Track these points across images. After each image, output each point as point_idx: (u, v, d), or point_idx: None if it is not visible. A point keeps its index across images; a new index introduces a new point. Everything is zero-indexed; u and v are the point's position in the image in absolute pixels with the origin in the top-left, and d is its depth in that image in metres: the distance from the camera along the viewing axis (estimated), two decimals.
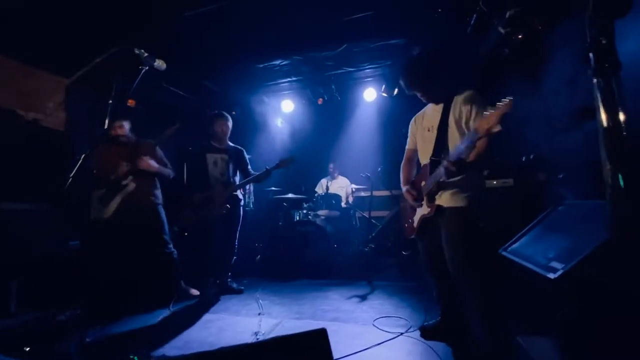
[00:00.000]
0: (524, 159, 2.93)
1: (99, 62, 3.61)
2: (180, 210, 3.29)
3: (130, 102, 3.48)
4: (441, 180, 1.68)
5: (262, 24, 3.18)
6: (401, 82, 1.92)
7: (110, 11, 2.89)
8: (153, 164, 2.87)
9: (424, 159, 1.94)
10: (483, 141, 1.61)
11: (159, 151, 3.06)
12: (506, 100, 1.33)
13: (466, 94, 1.79)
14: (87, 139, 3.41)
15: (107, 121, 1.74)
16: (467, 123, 1.71)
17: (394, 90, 4.52)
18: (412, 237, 2.07)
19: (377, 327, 2.28)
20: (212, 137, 3.35)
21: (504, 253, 2.05)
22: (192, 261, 3.42)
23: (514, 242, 2.10)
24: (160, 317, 2.62)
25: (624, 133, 0.91)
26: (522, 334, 1.84)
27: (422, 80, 1.86)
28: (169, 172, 3.04)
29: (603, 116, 0.93)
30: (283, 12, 3.04)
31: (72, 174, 1.61)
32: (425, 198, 1.87)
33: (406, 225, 2.14)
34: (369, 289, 3.32)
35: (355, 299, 3.00)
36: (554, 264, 1.54)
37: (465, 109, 1.73)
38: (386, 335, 2.15)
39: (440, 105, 1.86)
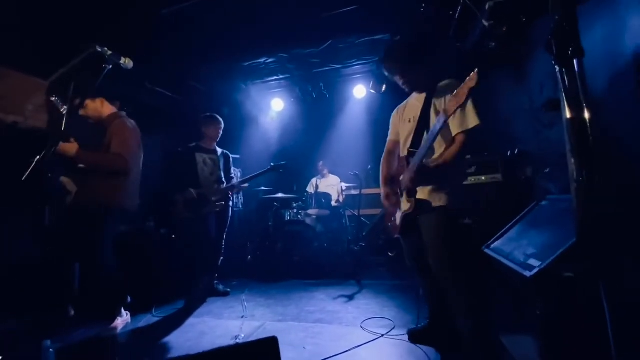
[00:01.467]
0: (509, 153, 2.88)
1: (77, 62, 3.55)
2: (171, 208, 3.21)
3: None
4: (410, 185, 1.68)
5: (242, 20, 3.12)
6: (383, 67, 1.84)
7: (85, 9, 2.82)
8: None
9: (404, 151, 1.86)
10: (454, 146, 1.61)
11: None
12: (472, 74, 1.29)
13: (448, 81, 1.73)
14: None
15: (63, 122, 1.68)
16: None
17: (382, 86, 4.46)
18: (397, 236, 1.97)
19: (362, 328, 2.24)
20: (201, 138, 3.32)
21: (486, 251, 2.01)
22: (180, 263, 3.38)
23: (497, 239, 2.06)
24: (142, 323, 2.56)
25: (588, 124, 0.86)
26: (504, 333, 1.80)
27: (403, 64, 1.77)
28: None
29: (566, 106, 0.88)
30: (264, 7, 2.97)
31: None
32: (404, 193, 1.79)
33: (389, 223, 2.04)
34: (357, 289, 3.28)
35: (342, 299, 2.95)
36: (532, 262, 1.50)
37: (446, 98, 1.65)
38: (368, 336, 2.10)
39: (423, 95, 1.79)
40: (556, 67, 0.90)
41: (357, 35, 3.69)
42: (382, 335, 2.09)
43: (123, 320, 2.48)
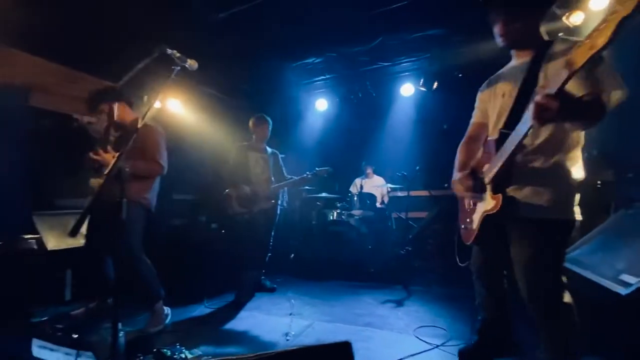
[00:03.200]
0: (586, 155, 2.59)
1: (143, 65, 3.80)
2: (224, 204, 3.33)
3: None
4: (522, 157, 1.23)
5: (292, 22, 3.15)
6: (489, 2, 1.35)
7: (147, 15, 3.02)
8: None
9: (492, 134, 1.44)
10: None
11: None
12: None
13: (568, 41, 1.26)
14: None
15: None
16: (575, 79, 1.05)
17: (432, 83, 4.27)
18: (470, 243, 1.56)
19: (416, 337, 2.14)
20: (252, 137, 3.43)
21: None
22: (229, 257, 3.52)
23: (575, 249, 1.85)
24: (195, 313, 2.69)
25: None
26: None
27: (519, 6, 1.29)
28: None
29: None
30: (314, 8, 2.98)
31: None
32: (489, 187, 1.37)
33: (463, 227, 1.61)
34: (404, 294, 3.16)
35: (390, 304, 2.86)
36: (626, 277, 1.31)
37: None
38: (422, 345, 2.00)
39: (525, 59, 1.34)
40: None
41: (409, 31, 3.56)
42: (438, 346, 1.98)
43: (162, 317, 2.39)
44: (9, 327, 1.62)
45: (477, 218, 1.45)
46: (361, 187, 4.80)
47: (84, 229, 2.58)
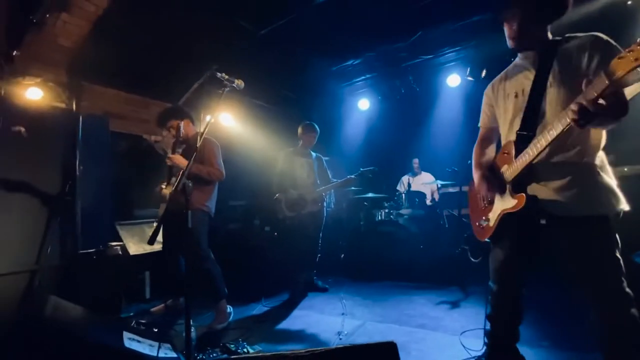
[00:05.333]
0: None
1: (197, 86, 4.18)
2: (275, 207, 3.52)
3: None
4: (547, 156, 1.23)
5: (328, 29, 3.23)
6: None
7: (199, 39, 3.32)
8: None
9: (508, 136, 1.45)
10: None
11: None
12: None
13: (578, 38, 1.27)
14: None
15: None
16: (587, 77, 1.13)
17: (482, 72, 4.02)
18: (487, 239, 1.57)
19: (473, 339, 2.06)
20: (299, 143, 3.58)
21: (638, 260, 1.62)
22: (281, 259, 3.70)
23: None
24: (254, 311, 2.89)
25: None
26: None
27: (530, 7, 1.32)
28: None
29: None
30: (350, 13, 3.02)
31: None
32: (509, 186, 1.40)
33: (477, 224, 1.63)
34: (461, 295, 3.03)
35: (445, 306, 2.77)
36: None
37: (583, 58, 1.22)
38: (479, 348, 1.92)
39: (532, 59, 1.38)
40: None
41: (452, 21, 3.41)
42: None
43: (226, 314, 2.58)
44: (104, 321, 1.92)
45: (494, 216, 1.48)
46: (409, 185, 4.69)
47: (160, 234, 2.97)
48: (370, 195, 4.53)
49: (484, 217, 1.56)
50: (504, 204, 1.40)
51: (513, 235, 1.43)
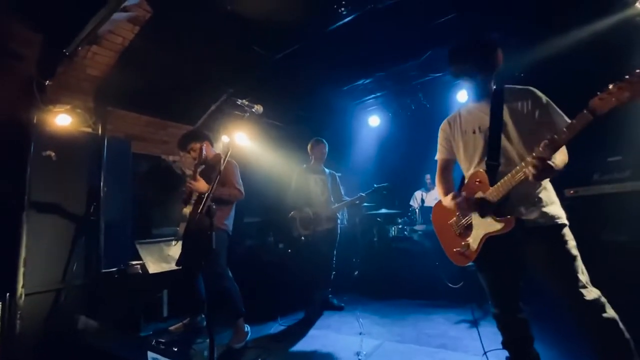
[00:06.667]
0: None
1: (214, 109, 4.31)
2: (290, 225, 3.56)
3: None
4: (523, 182, 1.40)
5: (341, 53, 3.35)
6: (454, 64, 1.62)
7: (217, 63, 3.47)
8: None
9: (470, 166, 1.65)
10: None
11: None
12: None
13: (521, 88, 1.56)
14: None
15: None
16: (532, 117, 1.49)
17: None
18: (470, 264, 1.66)
19: None
20: (311, 160, 3.64)
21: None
22: (296, 276, 3.70)
23: None
24: (271, 330, 2.89)
25: None
26: None
27: (477, 66, 1.55)
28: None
29: None
30: (360, 38, 3.14)
31: None
32: (490, 213, 1.51)
33: (455, 250, 1.69)
34: (480, 314, 2.98)
35: (465, 325, 2.73)
36: None
37: (530, 104, 1.50)
38: None
39: (484, 103, 1.60)
40: None
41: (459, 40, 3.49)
42: None
43: (244, 333, 2.59)
44: (130, 341, 1.97)
45: (475, 240, 1.58)
46: (422, 200, 4.69)
47: (177, 253, 3.03)
48: (383, 211, 4.53)
49: (462, 242, 1.64)
50: (487, 227, 1.52)
51: (500, 254, 1.53)
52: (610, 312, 1.34)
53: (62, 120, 2.87)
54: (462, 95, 4.60)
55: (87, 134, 3.01)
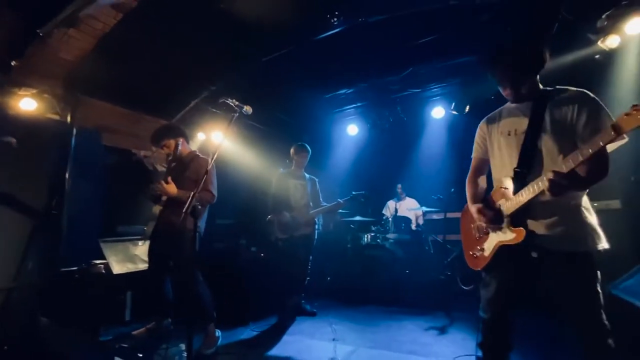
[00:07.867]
0: (633, 178, 2.52)
1: (193, 105, 4.19)
2: (268, 229, 3.51)
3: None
4: (540, 196, 1.34)
5: (326, 61, 3.41)
6: (492, 72, 1.55)
7: (199, 60, 3.39)
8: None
9: (502, 171, 1.57)
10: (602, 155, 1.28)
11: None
12: None
13: (570, 90, 1.44)
14: None
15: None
16: (576, 126, 1.36)
17: (465, 107, 4.32)
18: (480, 269, 1.63)
19: None
20: (292, 164, 3.64)
21: (615, 292, 1.77)
22: (268, 281, 3.64)
23: (628, 278, 1.81)
24: (243, 335, 2.82)
25: None
26: None
27: (517, 72, 1.48)
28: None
29: None
30: (346, 50, 3.23)
31: None
32: (507, 220, 1.48)
33: (471, 253, 1.69)
34: (447, 321, 3.11)
35: (433, 331, 2.84)
36: None
37: (573, 109, 1.38)
38: None
39: (526, 104, 1.52)
40: None
41: (439, 60, 3.70)
42: None
43: (215, 338, 2.51)
44: (95, 346, 1.83)
45: (489, 247, 1.55)
46: (395, 210, 4.83)
47: (144, 253, 2.86)
48: (358, 218, 4.62)
49: (478, 247, 1.62)
50: (502, 236, 1.49)
51: (508, 266, 1.50)
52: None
53: (27, 104, 2.66)
54: (438, 112, 4.85)
55: (54, 121, 2.81)
